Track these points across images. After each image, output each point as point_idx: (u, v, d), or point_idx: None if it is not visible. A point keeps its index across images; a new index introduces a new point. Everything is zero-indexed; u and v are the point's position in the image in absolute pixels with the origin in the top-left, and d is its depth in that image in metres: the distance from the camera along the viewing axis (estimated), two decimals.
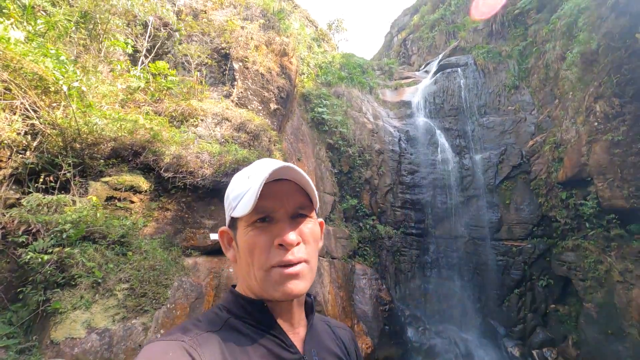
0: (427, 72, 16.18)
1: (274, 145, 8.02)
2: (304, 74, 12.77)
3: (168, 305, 4.68)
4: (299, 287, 0.75)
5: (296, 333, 0.82)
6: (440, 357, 8.78)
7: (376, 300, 9.19)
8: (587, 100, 8.49)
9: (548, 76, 11.36)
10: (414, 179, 11.59)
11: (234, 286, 0.86)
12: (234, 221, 0.80)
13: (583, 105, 8.65)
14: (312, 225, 0.81)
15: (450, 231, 10.96)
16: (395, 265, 10.56)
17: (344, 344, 0.93)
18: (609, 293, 7.50)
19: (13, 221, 4.30)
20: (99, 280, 4.32)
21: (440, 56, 16.02)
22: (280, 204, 0.76)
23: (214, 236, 5.64)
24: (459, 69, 13.65)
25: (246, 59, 9.06)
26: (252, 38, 9.42)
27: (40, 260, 4.02)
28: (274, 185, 0.75)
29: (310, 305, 0.88)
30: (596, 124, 8.15)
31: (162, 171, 5.74)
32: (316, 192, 0.83)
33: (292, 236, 0.74)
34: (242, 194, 0.76)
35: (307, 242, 0.79)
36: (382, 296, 9.37)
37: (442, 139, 12.25)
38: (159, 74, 7.39)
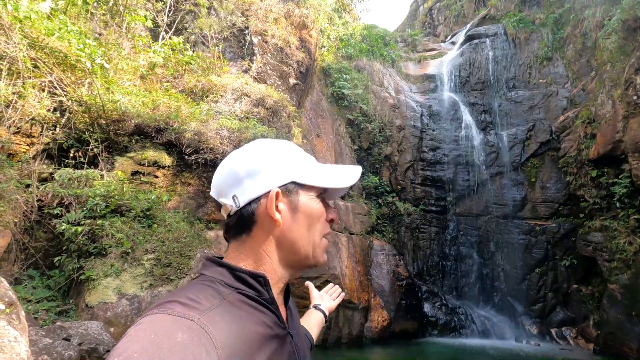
0: (453, 43, 15.42)
1: (293, 121, 8.00)
2: (324, 47, 12.46)
3: (192, 275, 4.92)
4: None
5: (279, 305, 0.83)
6: (456, 332, 8.89)
7: (393, 275, 9.30)
8: (627, 71, 7.91)
9: (585, 46, 10.60)
10: (435, 155, 11.34)
11: (219, 258, 0.80)
12: (293, 186, 0.83)
13: (622, 77, 8.07)
14: None
15: (472, 209, 10.78)
16: (413, 242, 10.57)
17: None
18: (635, 274, 7.27)
19: (48, 194, 4.57)
20: (128, 251, 4.58)
21: (468, 26, 15.17)
22: None
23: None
24: (487, 40, 12.93)
25: (265, 33, 8.92)
26: (270, 10, 9.21)
27: (74, 231, 4.29)
28: None
29: (286, 287, 0.91)
30: (635, 97, 7.62)
31: (183, 148, 5.88)
32: None
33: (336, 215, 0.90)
34: (310, 164, 0.86)
35: None
36: (400, 271, 9.46)
37: (466, 114, 11.82)
38: (178, 50, 7.41)
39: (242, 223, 0.79)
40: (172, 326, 0.57)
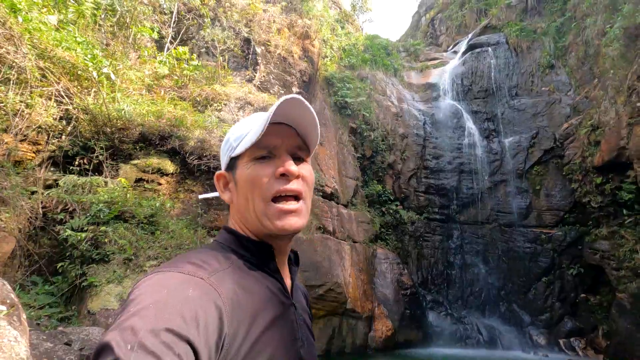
0: (455, 52, 15.53)
1: None
2: (327, 57, 12.61)
3: None
4: (298, 222, 0.78)
5: (285, 277, 0.84)
6: (462, 342, 8.74)
7: (397, 284, 9.21)
8: (630, 78, 7.90)
9: (587, 54, 10.64)
10: (438, 163, 11.33)
11: (227, 227, 0.84)
12: (232, 162, 0.82)
13: (625, 85, 8.06)
14: (309, 168, 0.85)
15: (476, 217, 10.70)
16: (417, 251, 10.49)
17: (307, 301, 0.98)
18: None
19: (52, 201, 4.61)
20: (131, 257, 4.58)
21: (470, 35, 15.30)
22: (282, 141, 0.79)
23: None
24: (489, 49, 13.02)
25: (268, 43, 9.05)
26: (274, 21, 9.37)
27: (78, 237, 4.31)
28: (275, 126, 0.77)
29: (294, 258, 0.92)
30: (639, 104, 7.60)
31: (187, 155, 5.93)
32: (319, 131, 0.84)
33: (294, 166, 0.77)
34: (244, 134, 0.80)
35: (305, 180, 0.81)
36: (404, 280, 9.37)
37: (469, 122, 11.83)
38: (182, 60, 7.54)
39: None
40: (183, 283, 0.61)
